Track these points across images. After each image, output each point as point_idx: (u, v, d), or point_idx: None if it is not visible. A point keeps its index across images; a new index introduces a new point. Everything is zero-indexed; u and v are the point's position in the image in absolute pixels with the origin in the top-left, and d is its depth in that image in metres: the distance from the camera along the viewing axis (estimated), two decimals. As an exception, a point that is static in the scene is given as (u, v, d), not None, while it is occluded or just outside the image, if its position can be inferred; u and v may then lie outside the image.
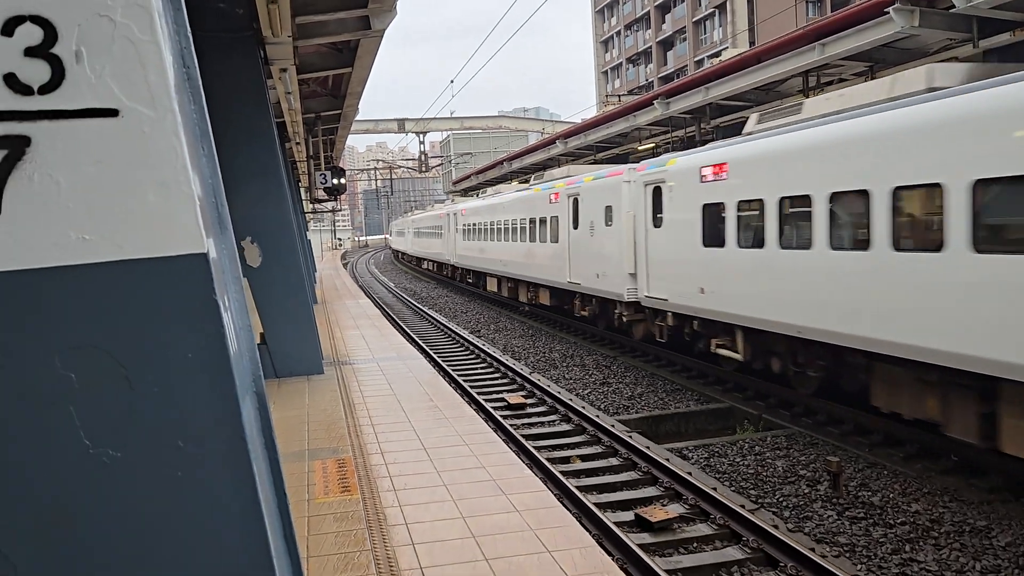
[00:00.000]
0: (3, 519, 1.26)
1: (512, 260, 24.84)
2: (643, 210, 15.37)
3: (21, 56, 1.27)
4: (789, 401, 12.12)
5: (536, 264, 22.38)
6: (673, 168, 14.29)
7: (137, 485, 1.31)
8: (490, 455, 7.26)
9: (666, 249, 14.44)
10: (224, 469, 1.33)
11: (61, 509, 1.28)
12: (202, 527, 1.32)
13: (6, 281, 1.27)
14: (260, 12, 9.29)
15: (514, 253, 24.57)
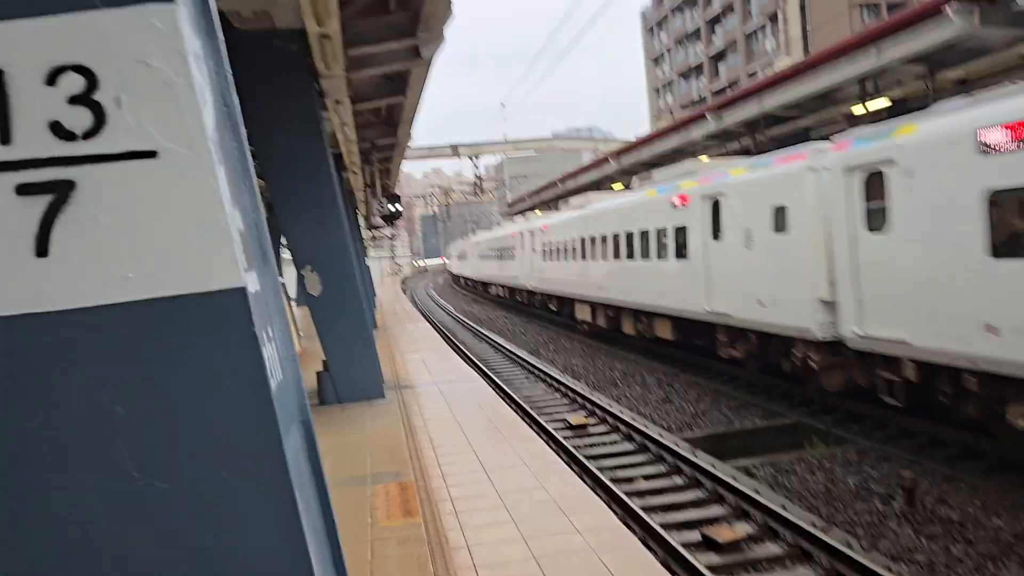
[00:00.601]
0: (55, 549, 1.31)
1: (614, 283, 20.39)
2: (848, 208, 10.85)
3: (65, 104, 1.33)
4: (859, 414, 11.75)
5: (651, 287, 17.76)
6: (913, 140, 9.71)
7: (183, 515, 1.34)
8: (551, 476, 7.21)
9: (903, 263, 9.84)
10: (267, 498, 1.36)
11: (111, 539, 1.32)
12: (247, 555, 1.34)
13: (55, 320, 1.33)
14: (313, 48, 9.54)
15: (617, 274, 20.12)
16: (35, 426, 1.32)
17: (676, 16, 73.06)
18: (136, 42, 1.33)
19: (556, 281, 27.22)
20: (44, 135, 1.33)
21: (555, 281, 27.38)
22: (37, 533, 1.31)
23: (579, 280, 23.81)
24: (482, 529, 5.93)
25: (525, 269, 32.62)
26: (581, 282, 23.59)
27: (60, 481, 1.32)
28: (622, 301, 19.88)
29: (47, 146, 1.33)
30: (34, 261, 1.33)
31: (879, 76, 15.74)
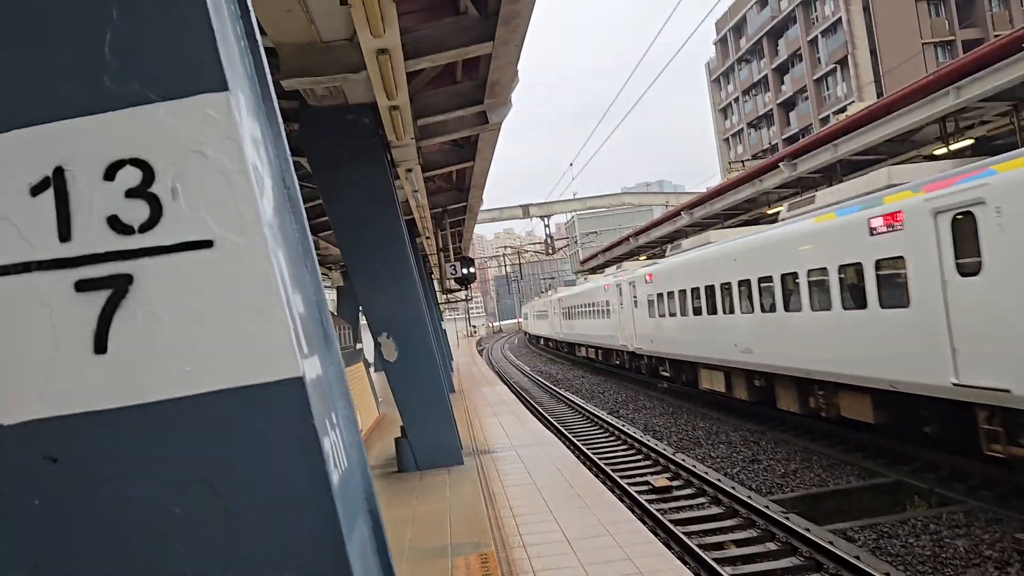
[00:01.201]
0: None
1: (766, 342, 15.51)
2: None
3: (122, 198, 1.33)
4: (964, 472, 11.02)
5: (833, 348, 13.00)
6: None
7: (242, 620, 1.27)
8: (637, 545, 6.94)
9: None
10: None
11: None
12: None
13: (114, 418, 1.31)
14: (384, 119, 9.81)
15: (772, 330, 15.19)
16: (92, 527, 1.29)
17: (742, 66, 72.96)
18: (191, 132, 1.33)
19: (669, 341, 21.99)
20: (102, 230, 1.33)
21: (668, 341, 22.13)
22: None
23: (705, 339, 19.02)
24: (566, 603, 5.70)
25: (625, 327, 27.18)
26: (708, 341, 18.76)
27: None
28: (780, 367, 14.86)
29: (105, 241, 1.33)
30: (93, 358, 1.31)
31: (960, 115, 15.21)
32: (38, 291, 1.30)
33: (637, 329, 25.61)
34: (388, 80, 8.36)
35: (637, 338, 25.71)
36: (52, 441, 1.29)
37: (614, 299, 28.76)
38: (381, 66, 8.06)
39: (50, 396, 1.29)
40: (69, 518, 1.28)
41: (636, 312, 25.53)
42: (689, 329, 20.18)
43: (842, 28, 55.54)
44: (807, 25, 61.02)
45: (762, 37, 67.57)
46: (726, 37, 74.79)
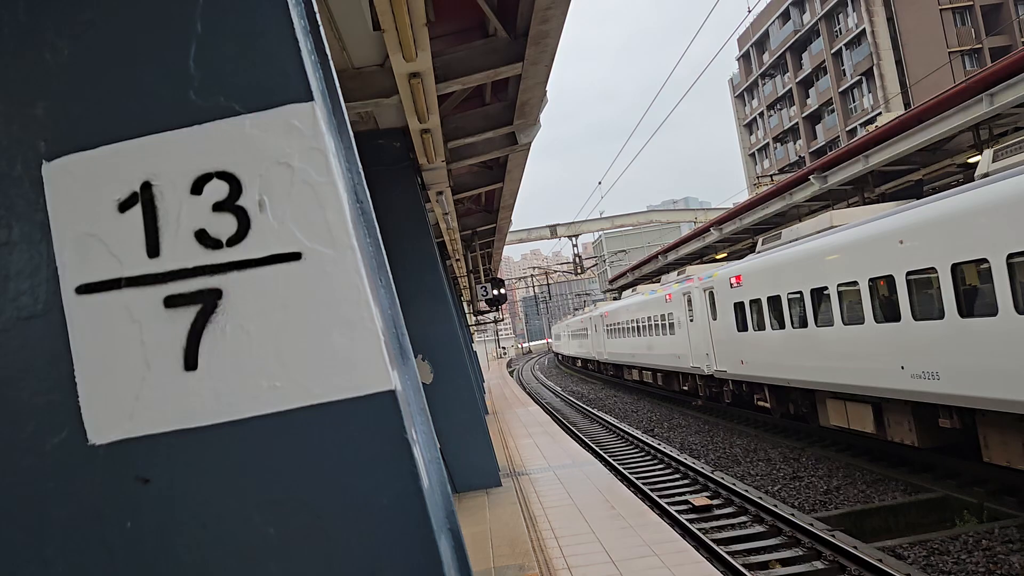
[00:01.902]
0: None
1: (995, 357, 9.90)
2: None
3: (210, 212, 1.32)
4: (1014, 485, 10.71)
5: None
6: None
7: (339, 643, 1.24)
8: (683, 565, 6.81)
9: None
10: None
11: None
12: None
13: (205, 436, 1.29)
14: (415, 142, 9.87)
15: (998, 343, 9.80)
16: (185, 547, 1.27)
17: (766, 80, 72.73)
18: (277, 144, 1.32)
19: (771, 362, 16.79)
20: (190, 244, 1.32)
21: (770, 362, 16.89)
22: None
23: (837, 358, 13.90)
24: (616, 625, 5.60)
25: (698, 345, 21.85)
26: (844, 360, 13.66)
27: (212, 608, 1.25)
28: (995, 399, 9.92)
29: (194, 255, 1.32)
30: (183, 375, 1.30)
31: (993, 122, 15.00)
32: (128, 308, 1.29)
33: (717, 347, 20.30)
34: (420, 103, 8.41)
35: (718, 358, 20.39)
36: (144, 461, 1.27)
37: (680, 311, 23.40)
38: (413, 90, 8.11)
39: (141, 414, 1.28)
40: (162, 540, 1.26)
41: (715, 325, 20.31)
42: (806, 345, 14.92)
43: (866, 40, 55.20)
44: (831, 38, 60.74)
45: (785, 51, 67.36)
46: (749, 53, 74.68)
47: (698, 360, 22.22)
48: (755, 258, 18.11)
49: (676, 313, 24.14)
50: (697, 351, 22.15)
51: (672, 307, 24.56)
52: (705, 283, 21.12)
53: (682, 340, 23.70)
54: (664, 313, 25.66)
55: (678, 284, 24.39)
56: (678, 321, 23.94)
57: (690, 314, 22.54)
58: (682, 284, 23.77)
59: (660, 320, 26.24)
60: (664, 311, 25.65)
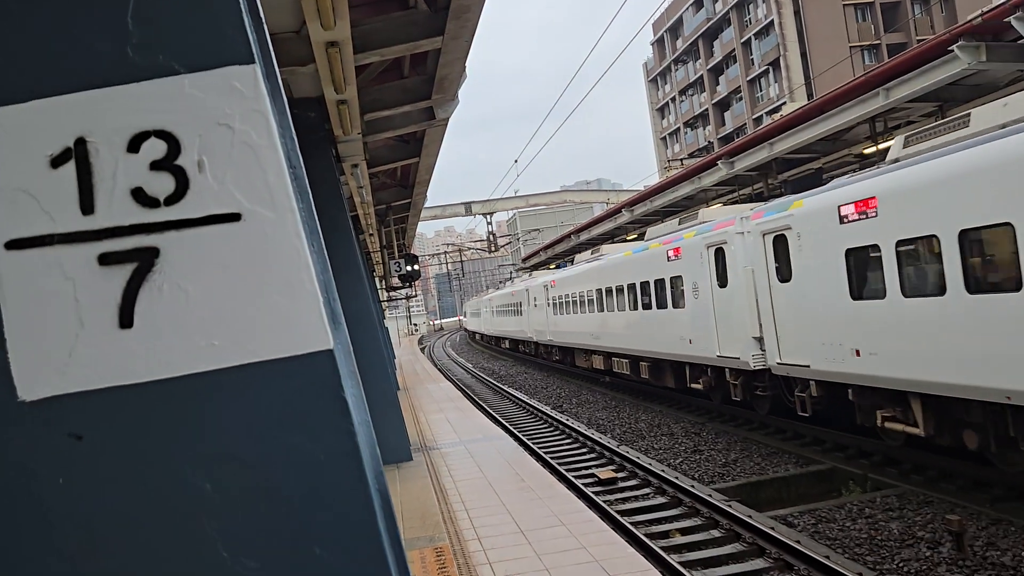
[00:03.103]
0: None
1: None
2: None
3: (147, 170, 1.31)
4: (895, 458, 11.47)
5: None
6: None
7: (277, 595, 1.27)
8: (589, 535, 7.04)
9: None
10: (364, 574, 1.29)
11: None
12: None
13: (141, 393, 1.29)
14: (331, 113, 9.70)
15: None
16: (119, 503, 1.27)
17: (678, 67, 74.23)
18: (218, 105, 1.31)
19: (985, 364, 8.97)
20: (126, 203, 1.30)
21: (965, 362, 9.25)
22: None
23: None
24: (524, 592, 5.76)
25: (729, 323, 15.08)
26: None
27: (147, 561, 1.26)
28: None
29: (129, 214, 1.30)
30: (118, 333, 1.29)
31: (888, 115, 15.80)
32: (60, 265, 1.28)
33: (785, 327, 13.10)
34: (337, 74, 8.27)
35: (784, 345, 13.15)
36: (76, 418, 1.26)
37: (697, 271, 16.32)
38: (330, 59, 7.96)
39: (74, 371, 1.27)
40: (95, 495, 1.26)
41: (781, 291, 13.13)
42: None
43: (774, 31, 57.00)
44: (741, 27, 62.44)
45: (698, 38, 68.86)
46: (663, 38, 75.98)
47: (731, 346, 14.94)
48: (901, 168, 10.37)
49: (689, 276, 16.78)
50: (730, 332, 14.93)
51: (681, 267, 17.21)
52: (767, 222, 13.42)
53: (697, 315, 16.44)
54: (665, 278, 18.18)
55: (694, 233, 16.66)
56: (692, 288, 16.59)
57: (716, 275, 15.49)
58: (702, 231, 16.26)
59: (654, 288, 18.98)
60: (663, 274, 18.23)
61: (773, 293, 13.46)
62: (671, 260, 17.89)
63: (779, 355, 13.27)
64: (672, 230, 19.15)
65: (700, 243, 16.18)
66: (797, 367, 12.70)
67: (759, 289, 13.91)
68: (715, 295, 15.66)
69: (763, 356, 13.87)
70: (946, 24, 42.64)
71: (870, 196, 10.91)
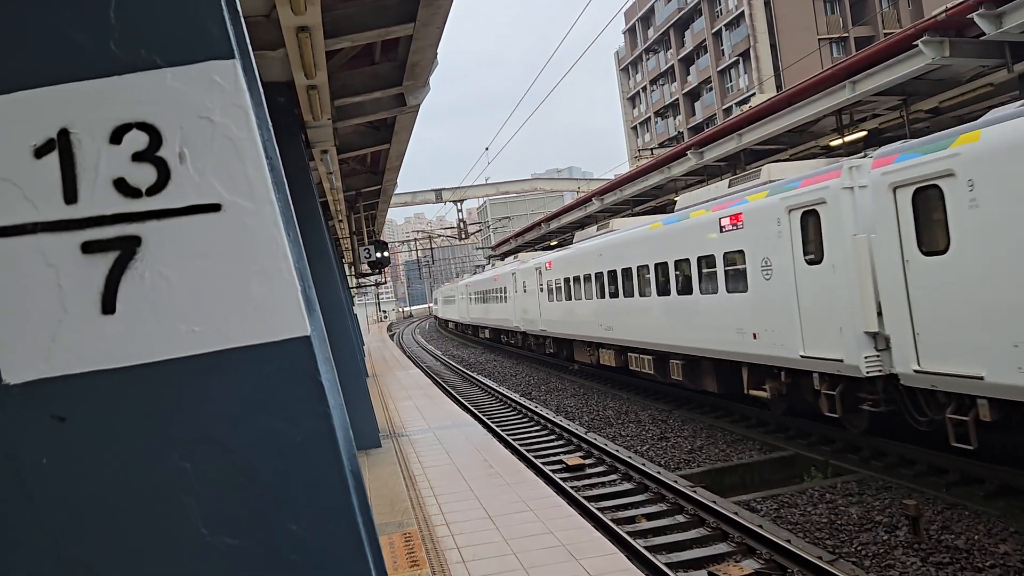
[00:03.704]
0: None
1: None
2: None
3: (129, 161, 1.34)
4: (856, 444, 11.75)
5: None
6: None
7: (254, 571, 1.32)
8: (556, 519, 7.14)
9: None
10: (339, 553, 1.34)
11: (183, 598, 1.30)
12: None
13: (122, 377, 1.32)
14: (301, 98, 9.64)
15: None
16: (102, 484, 1.31)
17: (649, 56, 74.49)
18: (199, 98, 1.35)
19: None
20: (109, 193, 1.34)
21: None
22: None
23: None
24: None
25: (854, 310, 10.67)
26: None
27: (128, 539, 1.30)
28: None
29: (112, 203, 1.34)
30: (101, 319, 1.32)
31: (854, 108, 16.06)
32: (43, 252, 1.31)
33: (929, 316, 9.46)
34: (308, 59, 8.23)
35: (932, 349, 9.40)
36: (60, 400, 1.30)
37: (765, 247, 12.60)
38: (301, 44, 7.93)
39: (57, 356, 1.30)
40: (78, 476, 1.30)
41: (929, 267, 9.41)
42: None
43: (744, 22, 57.43)
44: (712, 18, 62.80)
45: (669, 28, 69.13)
46: (635, 27, 76.16)
47: (825, 344, 11.23)
48: None
49: (756, 249, 12.81)
50: (824, 325, 11.22)
51: (743, 238, 13.17)
52: (904, 169, 9.60)
53: (766, 301, 12.55)
54: (714, 254, 14.17)
55: (766, 193, 12.68)
56: (760, 265, 12.63)
57: (804, 248, 11.69)
58: (779, 190, 12.29)
59: (696, 268, 14.95)
60: (712, 249, 14.23)
61: (911, 271, 9.58)
62: (727, 231, 13.70)
63: (916, 360, 9.47)
64: (721, 193, 14.86)
65: (777, 206, 12.09)
66: (955, 378, 8.93)
67: (883, 266, 10.07)
68: (800, 275, 11.64)
69: (883, 359, 10.31)
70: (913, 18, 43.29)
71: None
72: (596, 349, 21.87)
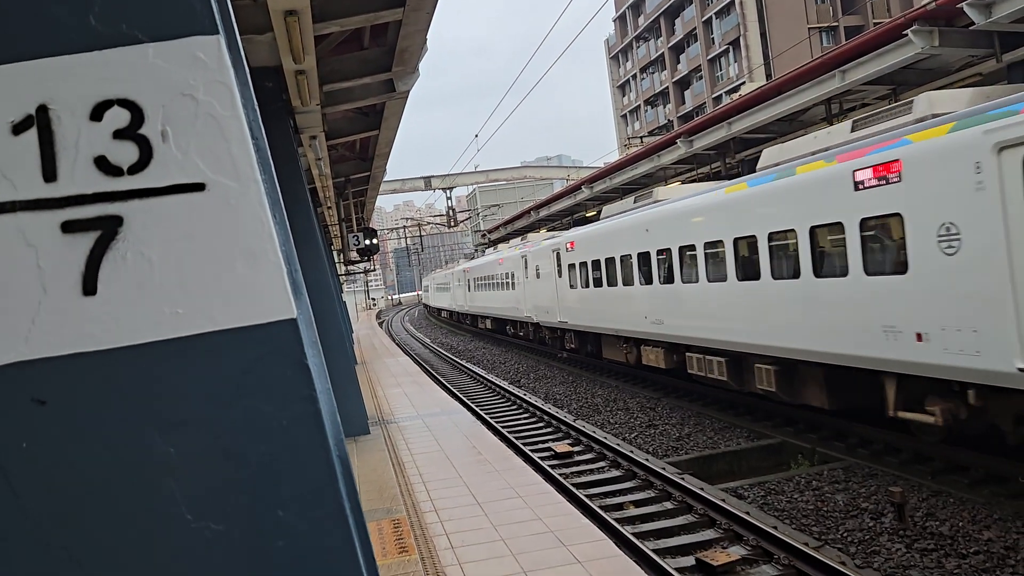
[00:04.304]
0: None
1: None
2: None
3: (110, 139, 1.31)
4: (843, 432, 11.83)
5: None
6: None
7: (240, 556, 1.30)
8: (545, 506, 7.15)
9: None
10: (326, 538, 1.33)
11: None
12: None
13: (104, 360, 1.30)
14: (289, 83, 9.56)
15: None
16: (84, 468, 1.28)
17: (639, 44, 74.32)
18: (182, 75, 1.32)
19: None
20: (89, 171, 1.31)
21: None
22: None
23: None
24: (481, 564, 5.85)
25: None
26: None
27: (111, 524, 1.28)
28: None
29: (93, 182, 1.31)
30: (82, 300, 1.30)
31: (844, 97, 16.08)
32: (22, 232, 1.27)
33: None
34: (296, 43, 8.16)
35: None
36: (40, 383, 1.27)
37: (946, 208, 8.61)
38: (289, 28, 7.85)
39: (37, 338, 1.27)
40: (59, 461, 1.27)
41: None
42: None
43: (735, 10, 57.34)
44: (702, 6, 62.66)
45: (660, 16, 68.94)
46: (625, 14, 75.92)
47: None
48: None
49: (926, 213, 8.96)
50: None
51: (902, 197, 9.27)
52: None
53: (948, 287, 8.73)
54: (843, 221, 10.31)
55: (948, 128, 8.68)
56: (940, 233, 8.74)
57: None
58: (979, 120, 8.26)
59: (806, 243, 11.12)
60: (840, 215, 10.35)
61: None
62: (867, 187, 9.74)
63: None
64: (844, 140, 10.88)
65: (975, 144, 8.18)
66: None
67: None
68: (1020, 247, 7.78)
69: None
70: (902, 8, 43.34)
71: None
72: (636, 347, 18.04)
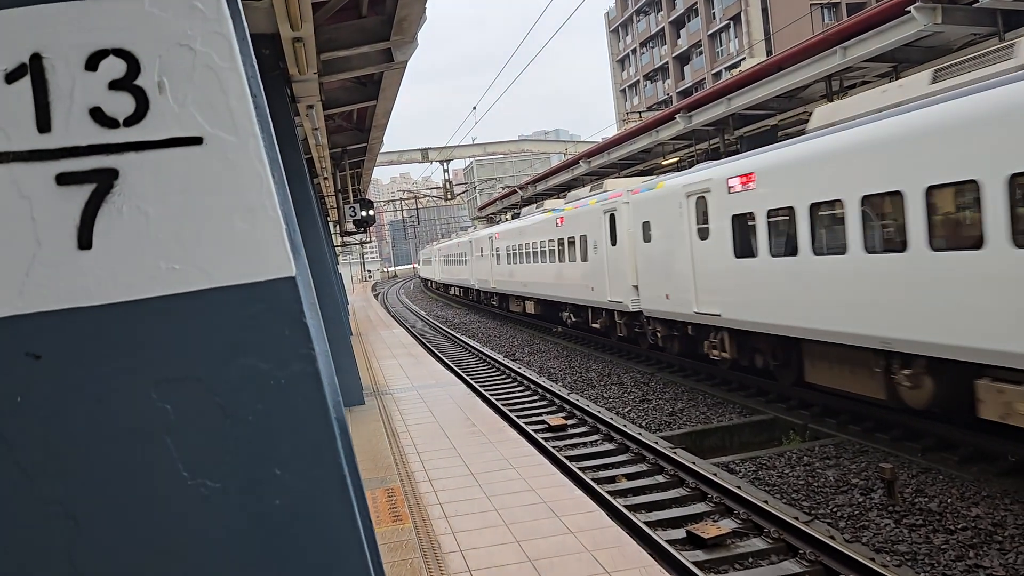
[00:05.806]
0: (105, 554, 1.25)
1: None
2: None
3: (105, 90, 1.28)
4: (835, 409, 11.90)
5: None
6: None
7: (236, 515, 1.30)
8: (539, 477, 7.20)
9: None
10: (323, 497, 1.32)
11: (162, 541, 1.27)
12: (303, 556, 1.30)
13: (100, 315, 1.28)
14: (286, 51, 9.45)
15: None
16: (78, 423, 1.27)
17: (640, 18, 73.67)
18: (179, 25, 1.29)
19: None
20: (85, 122, 1.28)
21: None
22: (86, 536, 1.26)
23: None
24: (474, 533, 5.89)
25: None
26: None
27: (106, 481, 1.27)
28: None
29: (88, 133, 1.28)
30: (77, 254, 1.28)
31: (844, 74, 15.98)
32: (16, 183, 1.25)
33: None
34: (293, 9, 8.05)
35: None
36: (34, 337, 1.26)
37: None
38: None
39: (31, 292, 1.25)
40: (53, 416, 1.26)
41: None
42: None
43: (736, -15, 56.79)
44: (703, -20, 62.07)
45: (660, -11, 68.31)
46: (625, -13, 75.20)
47: None
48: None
49: None
50: None
51: None
52: None
53: None
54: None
55: None
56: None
57: None
58: None
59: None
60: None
61: None
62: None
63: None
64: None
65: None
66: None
67: None
68: None
69: None
70: (905, -15, 42.90)
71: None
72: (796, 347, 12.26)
